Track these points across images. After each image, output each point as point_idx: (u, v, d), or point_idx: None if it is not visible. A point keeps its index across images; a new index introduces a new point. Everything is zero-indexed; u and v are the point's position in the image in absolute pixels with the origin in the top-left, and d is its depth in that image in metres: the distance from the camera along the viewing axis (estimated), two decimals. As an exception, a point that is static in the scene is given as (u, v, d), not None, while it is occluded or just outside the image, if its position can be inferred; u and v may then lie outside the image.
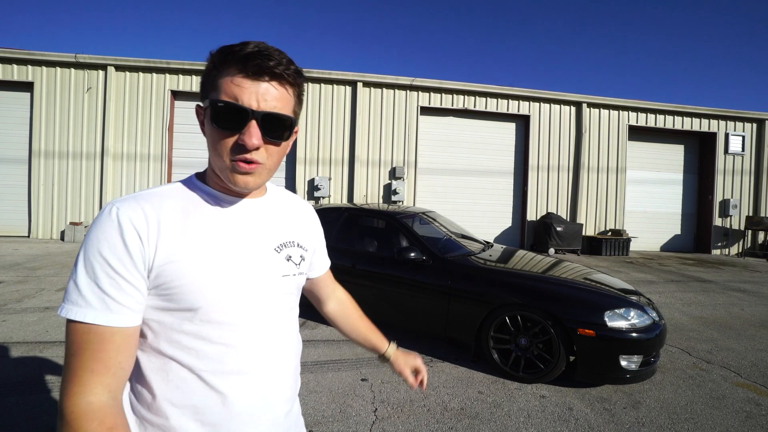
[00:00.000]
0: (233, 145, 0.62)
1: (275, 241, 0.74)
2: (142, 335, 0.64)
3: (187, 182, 0.71)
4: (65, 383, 0.54)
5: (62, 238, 8.92)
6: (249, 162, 0.63)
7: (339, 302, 1.02)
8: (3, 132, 9.06)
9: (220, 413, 0.65)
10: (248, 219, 0.71)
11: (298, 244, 0.79)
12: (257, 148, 0.62)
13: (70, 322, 0.56)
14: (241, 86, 0.61)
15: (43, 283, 4.98)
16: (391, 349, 1.02)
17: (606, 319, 2.65)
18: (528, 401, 2.57)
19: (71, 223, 8.82)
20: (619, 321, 2.66)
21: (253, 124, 0.61)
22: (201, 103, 0.67)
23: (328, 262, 0.99)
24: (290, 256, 0.76)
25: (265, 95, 0.61)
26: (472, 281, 3.14)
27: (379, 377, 2.83)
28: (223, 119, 0.61)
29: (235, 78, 0.61)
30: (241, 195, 0.71)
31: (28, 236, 8.98)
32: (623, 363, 2.60)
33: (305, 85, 0.70)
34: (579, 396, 2.66)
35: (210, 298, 0.63)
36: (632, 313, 2.73)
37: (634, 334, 2.63)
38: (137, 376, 0.65)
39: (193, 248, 0.63)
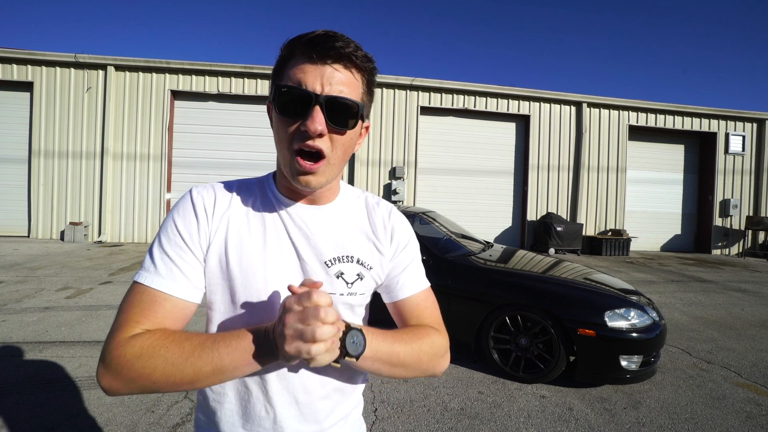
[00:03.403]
0: (296, 132, 0.59)
1: (328, 254, 0.68)
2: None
3: (263, 179, 0.73)
4: (110, 333, 0.57)
5: (62, 238, 8.92)
6: (311, 154, 0.59)
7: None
8: (3, 132, 9.07)
9: (241, 412, 0.66)
10: (304, 228, 0.68)
11: (357, 261, 0.70)
12: (321, 135, 0.58)
13: (134, 283, 0.60)
14: (304, 70, 0.58)
15: (42, 283, 4.98)
16: None
17: (606, 319, 2.65)
18: (528, 401, 2.57)
19: (71, 223, 8.82)
20: (619, 321, 2.66)
21: (317, 109, 0.57)
22: (270, 99, 0.64)
23: (416, 287, 0.75)
24: (342, 273, 0.68)
25: (330, 78, 0.58)
26: (472, 281, 3.14)
27: (379, 377, 2.83)
28: (287, 105, 0.59)
29: (299, 64, 0.58)
30: (304, 197, 0.69)
31: (28, 236, 8.98)
32: (623, 363, 2.60)
33: (376, 75, 0.65)
34: (579, 396, 2.66)
35: (240, 304, 0.64)
36: (632, 313, 2.73)
37: (634, 334, 2.63)
38: None
39: (237, 251, 0.64)
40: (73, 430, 2.08)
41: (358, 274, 0.69)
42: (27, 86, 9.04)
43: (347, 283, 0.68)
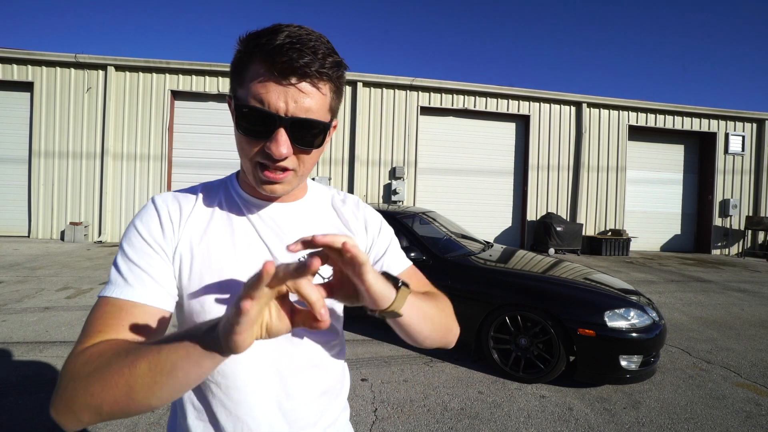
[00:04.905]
0: (259, 151, 0.57)
1: (301, 253, 0.62)
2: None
3: (226, 180, 0.71)
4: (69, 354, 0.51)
5: (62, 238, 8.92)
6: (276, 170, 0.57)
7: None
8: (3, 132, 9.06)
9: (231, 425, 0.62)
10: (275, 227, 0.66)
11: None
12: (286, 158, 0.56)
13: (98, 298, 0.55)
14: (267, 87, 0.53)
15: (43, 283, 4.98)
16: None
17: (606, 319, 2.65)
18: (528, 401, 2.57)
19: (71, 223, 8.82)
20: (619, 321, 2.66)
21: (282, 131, 0.54)
22: (229, 94, 0.61)
23: (400, 266, 0.76)
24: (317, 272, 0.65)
25: (295, 97, 0.53)
26: (472, 281, 3.14)
27: (379, 377, 2.83)
28: (247, 125, 0.55)
29: (261, 76, 0.53)
30: (271, 199, 0.67)
31: (28, 236, 8.97)
32: (623, 363, 2.60)
33: (345, 73, 0.61)
34: (579, 396, 2.66)
35: (208, 310, 0.59)
36: (632, 313, 2.73)
37: (634, 334, 2.63)
38: None
39: (205, 255, 0.60)
40: (73, 430, 2.07)
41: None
42: (27, 86, 9.03)
43: (323, 278, 0.64)
